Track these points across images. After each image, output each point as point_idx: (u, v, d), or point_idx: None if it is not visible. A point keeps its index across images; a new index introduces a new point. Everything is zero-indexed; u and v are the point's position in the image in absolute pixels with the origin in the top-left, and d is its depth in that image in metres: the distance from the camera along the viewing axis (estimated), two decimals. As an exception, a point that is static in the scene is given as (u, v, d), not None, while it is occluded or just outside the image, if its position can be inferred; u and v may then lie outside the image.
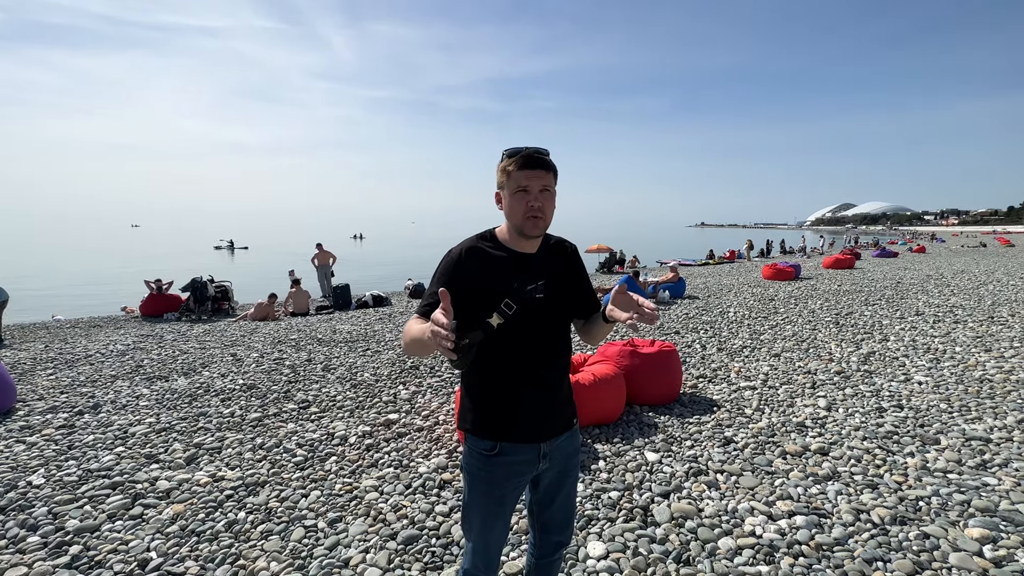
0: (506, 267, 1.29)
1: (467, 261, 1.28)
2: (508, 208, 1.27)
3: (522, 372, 1.32)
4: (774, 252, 29.55)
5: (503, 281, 1.27)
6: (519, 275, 1.28)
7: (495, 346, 1.26)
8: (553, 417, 1.37)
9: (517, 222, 1.26)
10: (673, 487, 2.72)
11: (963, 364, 4.88)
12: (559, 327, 1.38)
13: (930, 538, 2.20)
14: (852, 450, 3.09)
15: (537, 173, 1.23)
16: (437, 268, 1.31)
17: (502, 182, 1.27)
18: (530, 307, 1.28)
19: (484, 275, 1.27)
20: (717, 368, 5.00)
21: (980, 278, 12.13)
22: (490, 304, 1.24)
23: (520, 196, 1.24)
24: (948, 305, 8.25)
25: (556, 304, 1.34)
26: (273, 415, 3.90)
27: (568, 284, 1.40)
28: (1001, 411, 3.66)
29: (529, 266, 1.31)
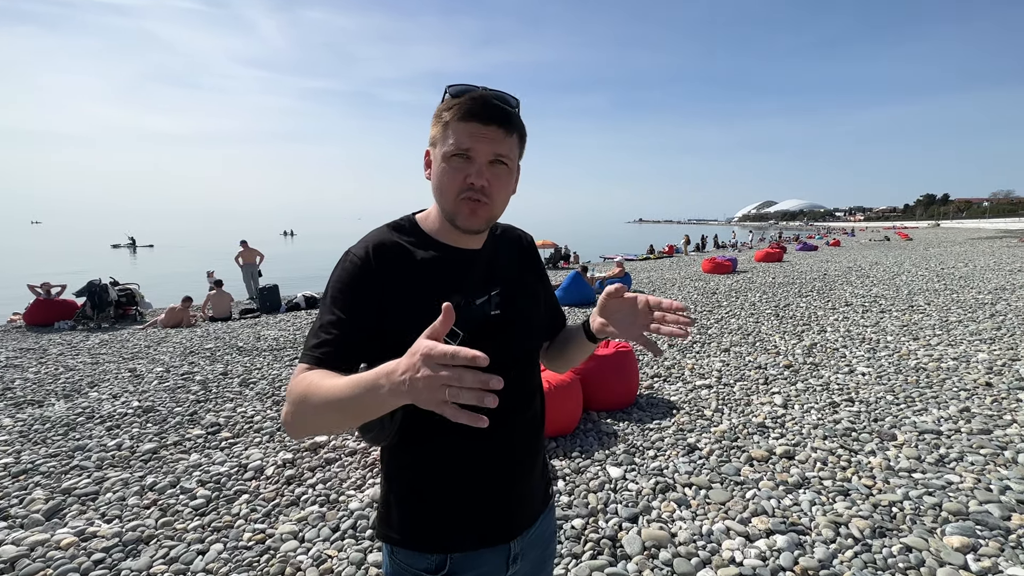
0: (440, 273, 0.84)
1: (383, 265, 0.82)
2: (437, 181, 0.81)
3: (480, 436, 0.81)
4: (708, 247, 30.89)
5: (441, 295, 0.80)
6: (461, 284, 0.84)
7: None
8: (529, 498, 0.94)
9: (447, 205, 0.81)
10: (641, 508, 2.45)
11: (897, 353, 5.03)
12: (528, 357, 0.94)
13: (913, 551, 2.06)
14: (816, 451, 2.97)
15: (489, 131, 0.77)
16: (330, 280, 0.83)
17: (435, 137, 0.81)
18: (484, 331, 0.84)
19: (411, 289, 0.82)
20: (671, 366, 4.85)
21: (893, 269, 13.09)
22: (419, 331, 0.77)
23: (457, 164, 0.78)
24: (872, 295, 8.72)
25: (520, 322, 0.91)
26: (173, 445, 3.27)
27: (534, 291, 0.98)
28: (942, 400, 3.72)
29: (475, 269, 0.87)
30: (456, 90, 0.80)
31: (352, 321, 0.78)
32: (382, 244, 0.84)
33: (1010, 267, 12.37)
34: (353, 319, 0.78)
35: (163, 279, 16.87)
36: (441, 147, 0.79)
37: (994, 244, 22.55)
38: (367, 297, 0.80)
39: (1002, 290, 8.73)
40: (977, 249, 19.74)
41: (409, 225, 0.89)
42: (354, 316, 0.78)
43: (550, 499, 1.02)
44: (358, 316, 0.78)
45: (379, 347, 0.78)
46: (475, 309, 0.84)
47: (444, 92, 0.81)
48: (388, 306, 0.80)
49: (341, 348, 0.77)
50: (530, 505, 0.95)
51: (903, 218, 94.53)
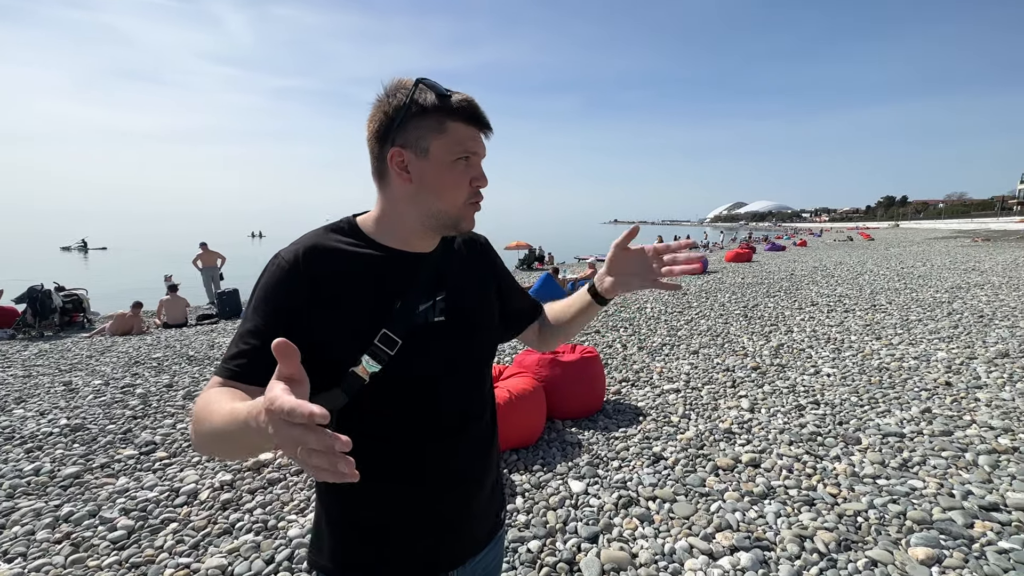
0: (383, 276, 0.79)
1: (314, 270, 0.75)
2: (435, 184, 0.76)
3: (419, 456, 0.80)
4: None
5: (379, 299, 0.78)
6: (404, 289, 0.79)
7: (369, 414, 0.77)
8: (472, 525, 0.88)
9: (451, 209, 0.78)
10: (602, 526, 2.31)
11: (860, 353, 5.07)
12: (477, 367, 0.88)
13: (879, 565, 1.98)
14: (782, 458, 2.90)
15: (482, 134, 0.79)
16: (256, 286, 0.76)
17: (423, 136, 0.74)
18: (426, 339, 0.79)
19: (346, 292, 0.76)
20: (640, 369, 4.77)
21: (856, 268, 13.44)
22: (355, 342, 0.74)
23: (463, 167, 0.76)
24: (836, 295, 8.89)
25: (466, 329, 0.85)
26: (100, 467, 2.99)
27: (485, 296, 0.93)
28: (904, 401, 3.73)
29: (421, 273, 0.82)
30: (440, 88, 0.75)
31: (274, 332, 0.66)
32: (315, 247, 0.77)
33: (964, 266, 12.84)
34: (276, 330, 0.68)
35: (117, 284, 16.07)
36: (443, 149, 0.75)
37: (949, 244, 23.51)
38: (293, 305, 0.73)
39: (958, 289, 9.01)
40: (934, 249, 20.53)
41: (349, 227, 0.82)
42: (277, 326, 0.71)
43: (500, 526, 0.95)
44: (281, 326, 0.71)
45: (315, 356, 0.71)
46: (416, 315, 0.79)
47: (416, 84, 0.74)
48: (318, 315, 0.74)
49: (258, 361, 0.70)
50: (474, 532, 0.89)
51: (865, 219, 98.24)
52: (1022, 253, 16.31)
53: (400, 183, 0.77)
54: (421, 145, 0.75)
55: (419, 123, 0.74)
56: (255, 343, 0.71)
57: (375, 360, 0.74)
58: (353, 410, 0.75)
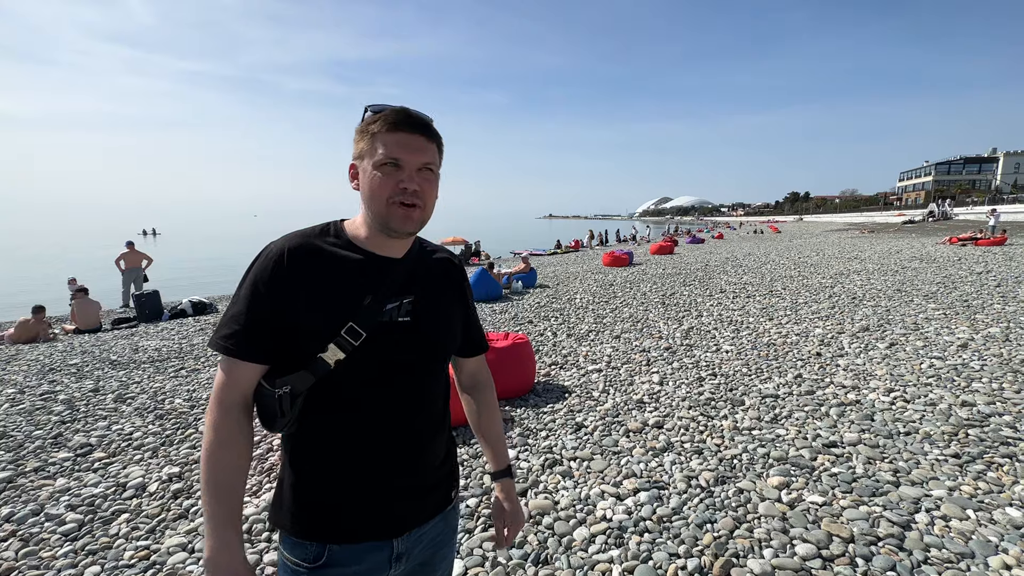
0: (357, 275, 0.90)
1: (295, 265, 0.87)
2: (368, 188, 0.87)
3: (373, 434, 0.91)
4: (611, 241, 32.83)
5: (350, 295, 0.88)
6: (376, 287, 0.90)
7: (332, 395, 0.88)
8: (421, 497, 0.97)
9: (380, 209, 0.87)
10: (530, 482, 2.70)
11: (755, 332, 5.86)
12: (433, 365, 0.98)
13: (744, 492, 2.51)
14: (682, 420, 3.44)
15: (417, 141, 0.87)
16: (246, 276, 0.88)
17: (362, 150, 0.88)
18: (389, 335, 0.89)
19: (321, 287, 0.87)
20: (568, 354, 5.24)
21: (761, 259, 14.95)
22: (326, 331, 0.86)
23: (389, 172, 0.85)
24: (742, 283, 9.94)
25: (427, 333, 0.94)
26: (33, 472, 2.97)
27: (451, 309, 1.02)
28: (783, 369, 4.45)
29: (392, 275, 0.92)
30: (377, 107, 0.89)
31: (262, 315, 0.86)
32: (301, 245, 0.89)
33: (849, 255, 14.68)
34: (263, 313, 0.85)
35: (4, 288, 14.47)
36: (370, 157, 0.86)
37: (841, 235, 26.49)
38: (276, 293, 0.86)
39: (840, 275, 10.37)
40: (828, 240, 23.08)
41: (334, 229, 0.94)
42: (264, 310, 0.85)
43: (450, 502, 1.03)
44: (268, 311, 0.85)
45: (290, 340, 0.87)
46: (383, 313, 0.89)
47: (364, 111, 0.90)
48: (296, 305, 0.86)
49: (246, 340, 0.86)
50: (422, 504, 0.97)
51: (775, 213, 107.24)
52: (896, 243, 18.82)
53: (357, 189, 0.91)
54: (362, 158, 0.88)
55: (361, 139, 0.88)
56: (246, 324, 0.86)
57: (340, 349, 0.84)
58: (320, 390, 0.87)
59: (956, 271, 10.06)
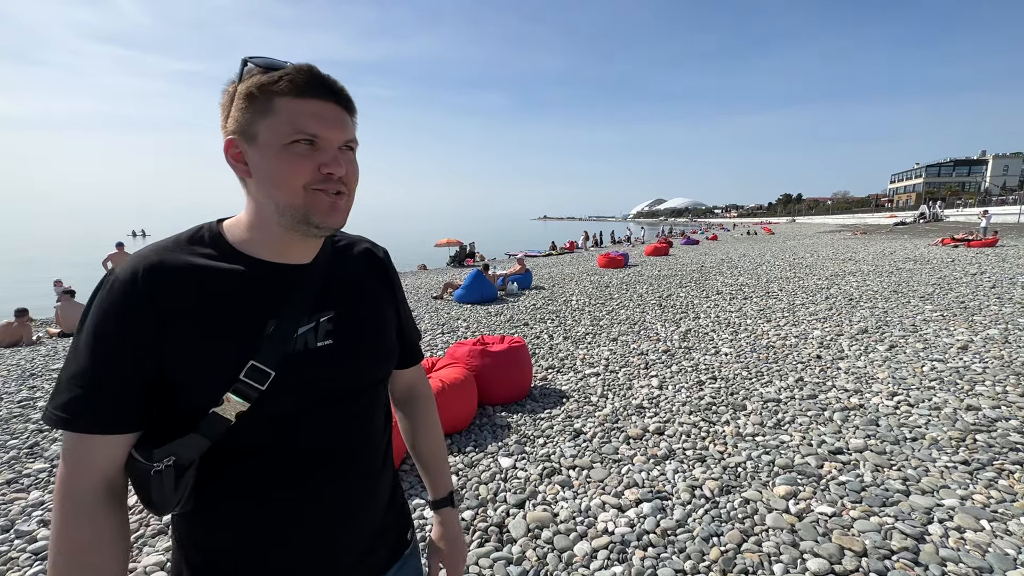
0: (252, 294, 0.69)
1: (157, 292, 0.64)
2: (268, 173, 0.65)
3: (301, 493, 0.71)
4: (605, 242, 32.81)
5: (246, 324, 0.67)
6: (278, 308, 0.69)
7: (238, 455, 0.68)
8: (370, 551, 0.80)
9: (294, 201, 0.66)
10: (528, 493, 2.59)
11: (753, 334, 5.79)
12: (371, 394, 0.79)
13: (750, 503, 2.42)
14: (683, 426, 3.35)
15: (335, 112, 0.67)
16: (85, 318, 0.64)
17: (250, 120, 0.65)
18: (307, 367, 0.70)
19: (202, 318, 0.65)
20: (564, 357, 5.14)
21: (756, 260, 14.94)
22: (217, 378, 0.65)
23: (304, 152, 0.64)
24: (738, 284, 9.90)
25: (357, 354, 0.75)
26: (6, 483, 2.83)
27: (381, 315, 0.82)
28: (784, 373, 4.37)
29: (300, 289, 0.72)
30: (263, 61, 0.66)
31: (116, 369, 0.62)
32: (161, 264, 0.65)
33: (843, 256, 14.70)
34: (117, 366, 0.62)
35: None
36: (270, 132, 0.64)
37: (834, 237, 26.60)
38: (135, 338, 0.62)
39: (836, 276, 10.35)
40: (821, 241, 23.16)
41: (210, 236, 0.71)
42: (119, 362, 0.62)
43: (407, 545, 0.88)
44: (125, 361, 0.62)
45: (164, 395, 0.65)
46: (294, 340, 0.68)
47: (243, 65, 0.66)
48: (168, 349, 0.63)
49: (103, 404, 0.62)
50: (373, 557, 0.81)
51: (768, 214, 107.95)
52: (889, 244, 18.90)
53: (247, 179, 0.68)
54: (251, 132, 0.65)
55: (247, 107, 0.64)
56: (90, 385, 0.61)
57: (241, 398, 0.63)
58: (220, 452, 0.66)
59: (951, 272, 10.07)
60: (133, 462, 0.64)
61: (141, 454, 0.64)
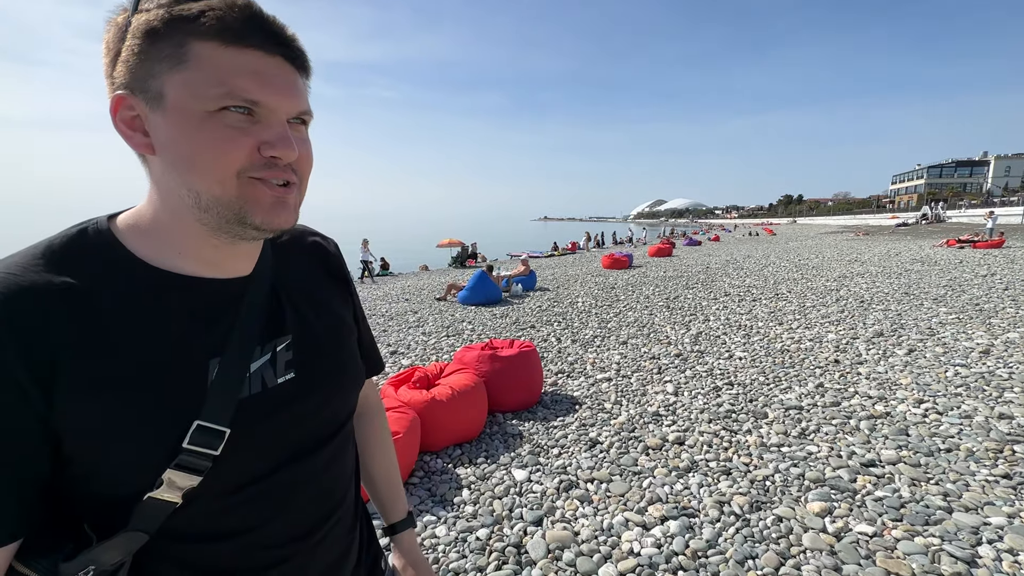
0: (180, 327, 0.49)
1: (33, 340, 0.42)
2: (188, 155, 0.45)
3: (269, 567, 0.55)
4: (607, 243, 32.67)
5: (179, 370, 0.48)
6: (219, 342, 0.51)
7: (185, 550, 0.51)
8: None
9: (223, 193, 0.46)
10: (546, 509, 2.45)
11: (767, 338, 5.64)
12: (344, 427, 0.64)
13: (784, 521, 2.27)
14: (703, 435, 3.20)
15: (283, 70, 0.47)
16: None
17: (150, 71, 0.44)
18: (269, 412, 0.53)
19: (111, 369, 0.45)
20: (574, 361, 4.99)
21: (762, 261, 14.79)
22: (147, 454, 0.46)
23: (239, 124, 0.45)
24: (745, 286, 9.75)
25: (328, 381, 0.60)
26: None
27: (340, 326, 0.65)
28: (802, 378, 4.23)
29: (243, 311, 0.53)
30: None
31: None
32: (27, 291, 0.43)
33: (848, 257, 14.56)
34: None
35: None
36: (186, 92, 0.44)
37: (837, 238, 26.48)
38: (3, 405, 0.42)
39: (843, 278, 10.21)
40: (825, 242, 23.03)
41: (101, 241, 0.49)
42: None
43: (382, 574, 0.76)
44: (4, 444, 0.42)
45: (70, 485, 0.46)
46: (247, 380, 0.52)
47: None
48: (62, 418, 0.44)
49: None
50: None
51: (769, 215, 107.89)
52: (893, 245, 18.76)
53: (148, 155, 0.48)
54: (153, 88, 0.44)
55: (147, 51, 0.44)
56: None
57: (189, 471, 0.46)
58: (159, 546, 0.49)
59: (960, 274, 9.93)
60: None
61: (37, 569, 0.44)
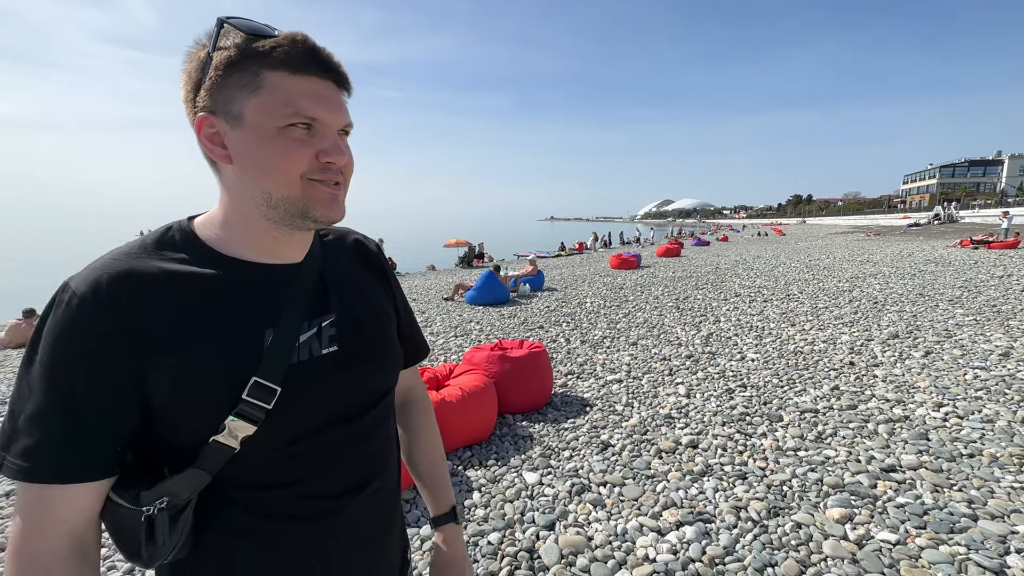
0: (245, 302, 0.60)
1: (127, 307, 0.54)
2: (257, 159, 0.56)
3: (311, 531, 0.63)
4: (614, 243, 32.53)
5: (241, 336, 0.58)
6: (275, 315, 0.61)
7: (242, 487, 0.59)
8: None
9: (289, 192, 0.57)
10: (558, 513, 2.41)
11: (779, 339, 5.56)
12: (383, 401, 0.71)
13: (802, 527, 2.22)
14: (717, 438, 3.14)
15: (333, 92, 0.58)
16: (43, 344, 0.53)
17: (233, 98, 0.55)
18: (315, 378, 0.62)
19: (185, 335, 0.55)
20: (583, 362, 4.95)
21: (772, 262, 14.65)
22: (212, 403, 0.56)
23: (301, 137, 0.56)
24: (756, 286, 9.65)
25: (367, 358, 0.68)
26: (4, 496, 2.68)
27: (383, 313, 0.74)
28: (817, 380, 4.15)
29: (295, 292, 0.63)
30: (246, 25, 0.55)
31: (81, 405, 0.52)
32: (129, 274, 0.55)
33: (860, 258, 14.37)
34: (86, 402, 0.52)
35: (10, 291, 14.27)
36: (262, 113, 0.54)
37: (848, 238, 26.18)
38: (108, 364, 0.52)
39: (856, 278, 10.07)
40: (835, 243, 22.77)
41: (181, 237, 0.61)
42: (88, 397, 0.52)
43: (408, 564, 0.82)
44: (96, 396, 0.52)
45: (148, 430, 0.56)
46: (297, 349, 0.61)
47: (218, 26, 0.55)
48: (147, 374, 0.54)
49: (73, 448, 0.52)
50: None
51: (778, 215, 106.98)
52: (905, 245, 18.51)
53: (224, 165, 0.58)
54: (233, 110, 0.55)
55: (227, 80, 0.55)
56: (55, 427, 0.51)
57: (246, 421, 0.55)
58: (217, 488, 0.58)
59: (975, 275, 9.75)
60: (114, 509, 0.55)
61: (125, 499, 0.55)
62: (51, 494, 0.52)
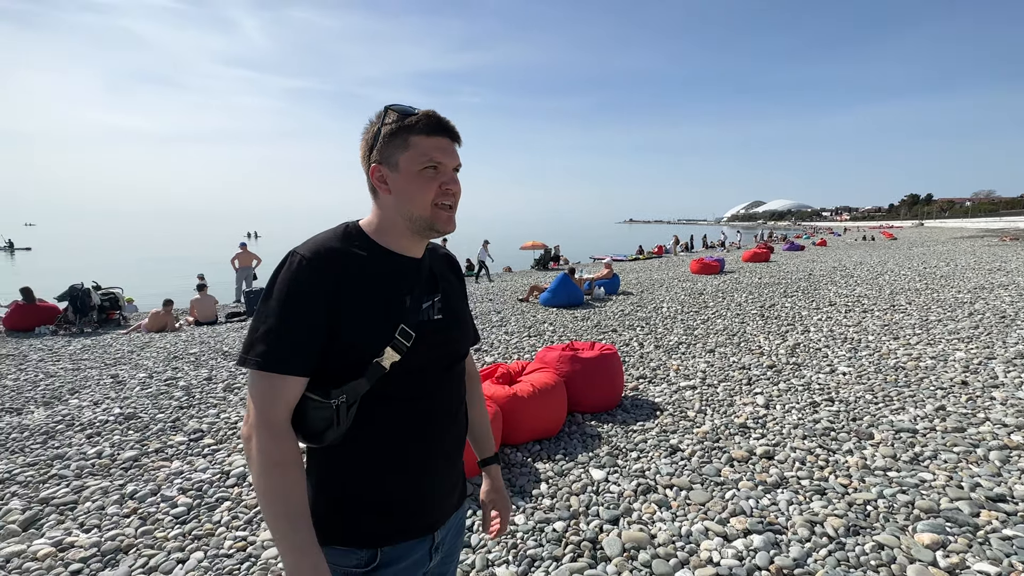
0: (396, 277, 0.90)
1: (333, 271, 0.84)
2: (406, 192, 0.88)
3: (424, 430, 0.92)
4: (696, 247, 31.12)
5: (395, 298, 0.89)
6: (412, 287, 0.91)
7: (384, 397, 0.87)
8: (451, 492, 1.01)
9: (423, 213, 0.88)
10: (622, 510, 2.47)
11: (878, 353, 5.12)
12: (462, 361, 1.03)
13: (885, 549, 2.10)
14: (795, 451, 3.02)
15: (451, 145, 0.90)
16: (276, 283, 0.83)
17: (392, 153, 0.87)
18: (431, 333, 0.92)
19: (368, 292, 0.86)
20: (656, 367, 4.89)
21: (876, 269, 13.29)
22: (379, 336, 0.85)
23: (431, 175, 0.87)
24: (855, 295, 8.86)
25: (456, 327, 1.00)
26: (155, 452, 3.24)
27: (462, 303, 1.07)
28: (919, 399, 3.80)
29: (420, 274, 0.94)
30: (402, 109, 0.88)
31: (305, 325, 0.81)
32: (333, 249, 0.86)
33: (989, 266, 12.61)
34: (306, 323, 0.81)
35: (149, 284, 16.66)
36: (409, 161, 0.87)
37: (975, 243, 22.96)
38: (319, 302, 0.82)
39: (981, 289, 8.90)
40: (959, 248, 20.09)
41: (356, 232, 0.92)
42: (307, 320, 0.81)
43: (466, 493, 1.08)
44: (311, 321, 0.81)
45: (339, 348, 0.84)
46: (421, 311, 0.91)
47: (385, 111, 0.89)
48: (344, 313, 0.83)
49: (297, 352, 0.81)
50: (452, 498, 1.01)
51: (888, 217, 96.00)
52: (1051, 253, 15.91)
53: (384, 195, 0.89)
54: (392, 161, 0.87)
55: (389, 143, 0.87)
56: (285, 337, 0.80)
57: (396, 351, 0.85)
58: (372, 394, 0.86)
59: None
60: (309, 402, 0.83)
61: (318, 394, 0.83)
62: (279, 382, 0.81)
